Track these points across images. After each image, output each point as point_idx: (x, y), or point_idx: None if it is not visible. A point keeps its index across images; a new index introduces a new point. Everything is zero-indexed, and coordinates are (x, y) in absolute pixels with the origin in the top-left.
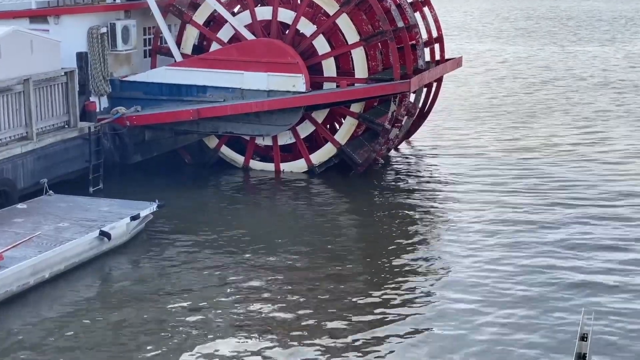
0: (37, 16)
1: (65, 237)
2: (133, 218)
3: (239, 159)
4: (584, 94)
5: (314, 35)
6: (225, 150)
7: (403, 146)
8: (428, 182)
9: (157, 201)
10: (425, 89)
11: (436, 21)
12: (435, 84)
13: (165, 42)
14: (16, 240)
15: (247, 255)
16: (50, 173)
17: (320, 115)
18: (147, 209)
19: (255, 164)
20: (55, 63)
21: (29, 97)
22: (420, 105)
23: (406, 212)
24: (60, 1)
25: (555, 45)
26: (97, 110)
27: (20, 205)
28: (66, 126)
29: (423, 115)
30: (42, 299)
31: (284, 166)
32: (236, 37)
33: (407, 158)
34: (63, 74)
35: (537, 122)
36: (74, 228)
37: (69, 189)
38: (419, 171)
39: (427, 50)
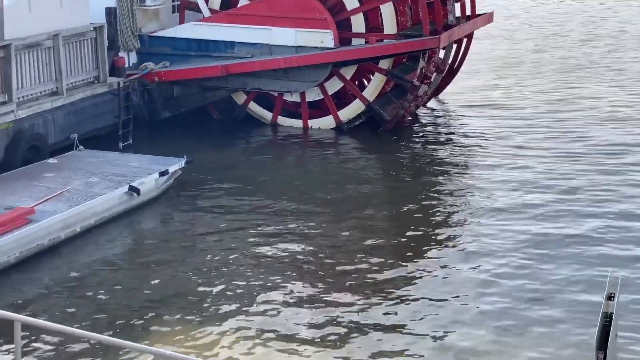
0: None
1: (95, 192)
2: (162, 174)
3: (267, 115)
4: (633, 51)
5: None
6: (253, 106)
7: (432, 103)
8: (457, 139)
9: (185, 157)
10: (455, 45)
11: None
12: (465, 40)
13: None
14: (47, 194)
15: (274, 212)
16: (80, 128)
17: (348, 72)
18: (176, 165)
19: (283, 121)
20: (84, 18)
21: (58, 52)
22: (449, 61)
23: (434, 169)
24: None
25: None
26: (126, 65)
27: (51, 160)
28: (95, 81)
29: (452, 71)
30: (73, 253)
31: (312, 123)
32: None
33: (435, 115)
34: (92, 29)
35: (575, 81)
36: (103, 183)
37: (98, 144)
38: (447, 128)
39: (457, 6)
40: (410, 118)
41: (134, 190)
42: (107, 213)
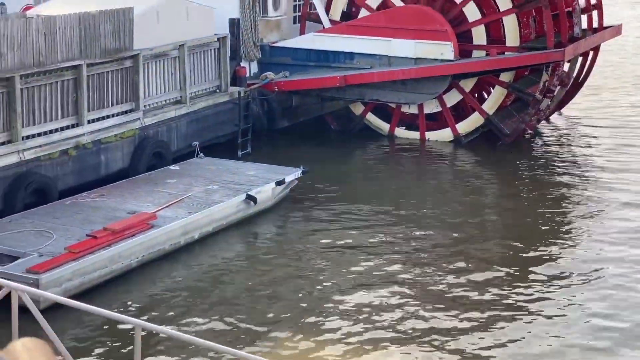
0: None
1: (214, 199)
2: (278, 183)
3: (385, 126)
4: None
5: (464, 2)
6: (371, 117)
7: (554, 117)
8: (580, 156)
9: (302, 167)
10: (580, 58)
11: None
12: (591, 53)
13: (315, 9)
14: (169, 200)
15: (389, 224)
16: (202, 136)
17: (468, 84)
18: (292, 175)
19: (400, 132)
20: (209, 29)
21: (183, 62)
22: (574, 74)
23: (555, 187)
24: None
25: None
26: (247, 75)
27: (173, 167)
28: (217, 91)
29: (577, 85)
30: (192, 259)
31: (430, 135)
32: (385, 4)
33: (558, 130)
34: (216, 39)
35: None
36: (222, 191)
37: (218, 151)
38: (570, 144)
39: (583, 18)
40: (531, 132)
41: (251, 198)
42: (224, 220)
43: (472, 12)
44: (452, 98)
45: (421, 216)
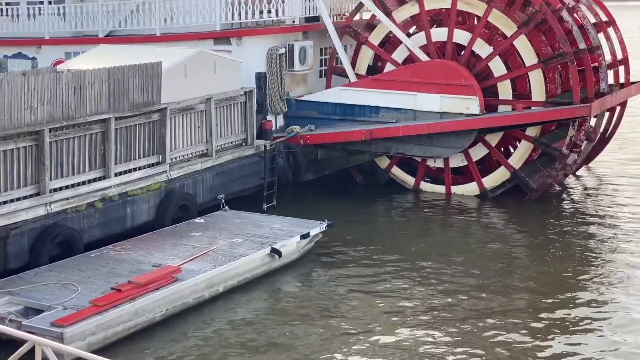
0: (220, 37)
1: (239, 252)
2: (303, 236)
3: (410, 180)
4: None
5: (490, 57)
6: (397, 171)
7: (582, 172)
8: (608, 211)
9: (326, 220)
10: (607, 113)
11: (621, 42)
12: (618, 108)
13: (341, 63)
14: (194, 253)
15: (414, 279)
16: (227, 189)
17: (494, 138)
18: (317, 228)
19: (425, 186)
20: (236, 83)
21: (210, 115)
22: (601, 129)
23: (583, 244)
24: (243, 23)
25: None
26: (273, 128)
27: (198, 220)
28: (243, 144)
29: (604, 140)
30: (216, 312)
31: (455, 189)
32: (411, 58)
33: (585, 185)
34: (242, 93)
35: None
36: (247, 244)
37: (243, 204)
38: (598, 200)
39: (610, 73)
40: (558, 187)
41: (275, 252)
42: (249, 274)
43: (497, 67)
44: (478, 152)
45: (447, 272)
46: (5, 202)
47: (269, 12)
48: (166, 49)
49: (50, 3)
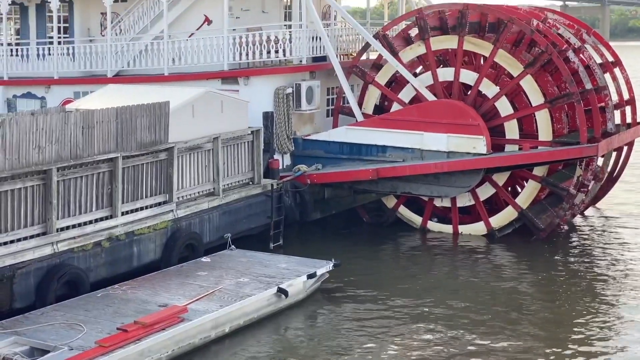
0: (228, 77)
1: (245, 292)
2: (310, 276)
3: (417, 219)
4: None
5: (497, 97)
6: (404, 210)
7: (590, 212)
8: (617, 252)
9: (333, 260)
10: (614, 153)
11: (627, 82)
12: (625, 148)
13: (348, 102)
14: (200, 293)
15: (422, 321)
16: (234, 228)
17: (501, 178)
18: (324, 268)
19: (433, 225)
20: (243, 122)
21: (217, 154)
22: (609, 169)
23: (592, 285)
24: (250, 63)
25: None
26: (280, 167)
27: (204, 259)
28: (250, 183)
29: (612, 179)
30: (222, 353)
31: (463, 228)
32: (417, 98)
33: (593, 225)
34: (250, 132)
35: None
36: (253, 284)
37: (250, 243)
38: (606, 240)
39: (617, 113)
40: (566, 227)
41: (282, 292)
42: (255, 314)
43: (504, 107)
44: (485, 192)
45: (454, 312)
46: (12, 241)
47: (276, 51)
48: (174, 88)
49: (59, 43)
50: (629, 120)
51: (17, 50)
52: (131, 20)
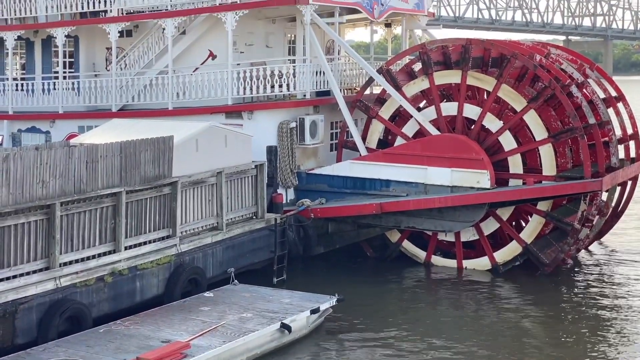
0: (232, 112)
1: (248, 327)
2: (313, 311)
3: (421, 254)
4: None
5: (500, 131)
6: (407, 245)
7: (594, 247)
8: (622, 288)
9: (337, 295)
10: (619, 188)
11: (631, 117)
12: (630, 183)
13: (351, 136)
14: (203, 328)
15: (427, 357)
16: (237, 262)
17: (505, 213)
18: (327, 303)
19: (437, 260)
20: (247, 156)
21: (221, 189)
22: (613, 204)
23: (597, 320)
24: (254, 97)
25: None
26: (284, 202)
27: (207, 294)
28: (254, 217)
29: (616, 214)
30: None
31: (467, 263)
32: (421, 132)
33: (598, 260)
34: (253, 166)
35: None
36: (256, 319)
37: (253, 278)
38: (611, 275)
39: (620, 148)
40: (570, 262)
41: (285, 327)
42: (258, 350)
43: (508, 141)
44: (490, 226)
45: (458, 348)
46: (14, 276)
47: (280, 86)
48: (178, 123)
49: (64, 78)
50: (632, 155)
51: (22, 84)
52: (136, 54)
